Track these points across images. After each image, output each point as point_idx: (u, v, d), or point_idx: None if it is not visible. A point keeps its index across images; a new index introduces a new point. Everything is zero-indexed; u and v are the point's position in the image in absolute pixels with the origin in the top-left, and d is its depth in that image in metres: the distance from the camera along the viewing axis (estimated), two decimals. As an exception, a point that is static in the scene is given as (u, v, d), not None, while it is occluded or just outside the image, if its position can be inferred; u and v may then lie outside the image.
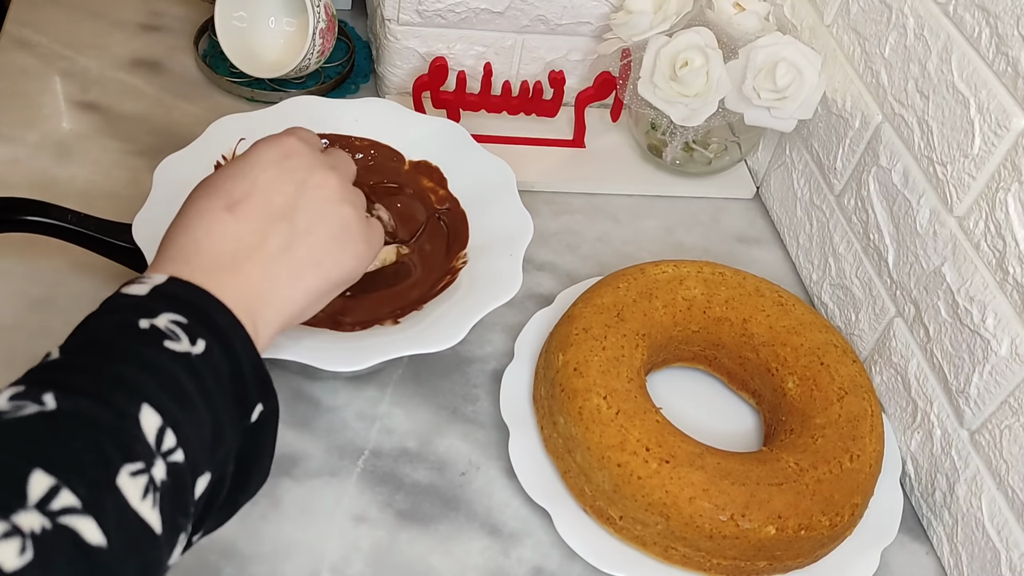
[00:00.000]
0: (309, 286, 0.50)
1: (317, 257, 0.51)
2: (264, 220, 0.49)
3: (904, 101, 0.69)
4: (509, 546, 0.62)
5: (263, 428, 0.46)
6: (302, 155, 0.53)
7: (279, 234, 0.49)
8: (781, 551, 0.60)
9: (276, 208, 0.50)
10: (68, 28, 0.89)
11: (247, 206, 0.49)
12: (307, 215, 0.51)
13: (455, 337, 0.61)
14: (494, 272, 0.66)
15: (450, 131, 0.75)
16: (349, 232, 0.53)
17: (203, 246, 0.48)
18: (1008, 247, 0.59)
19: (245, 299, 0.47)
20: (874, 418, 0.65)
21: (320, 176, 0.52)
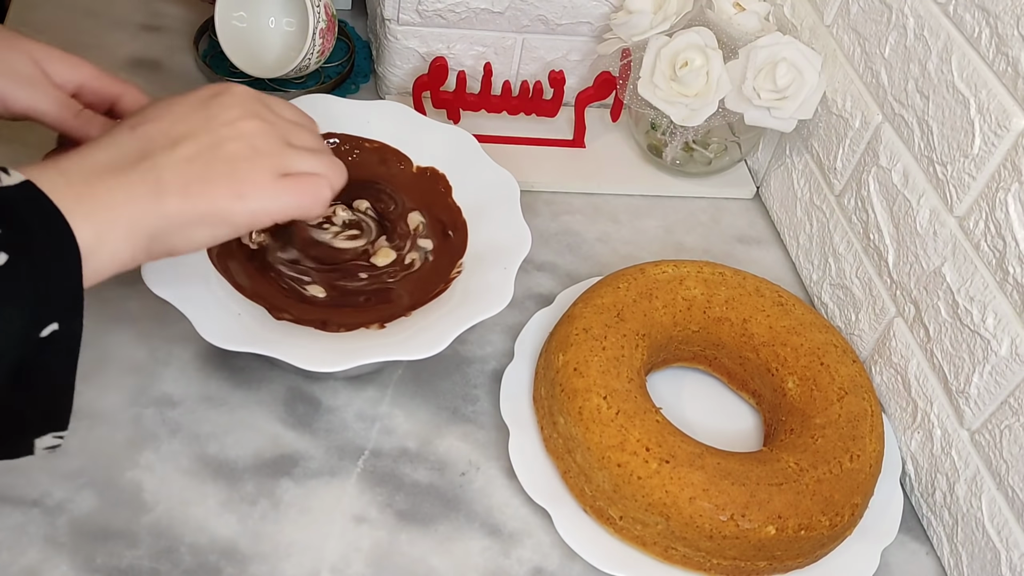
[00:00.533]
0: (169, 206, 0.49)
1: (185, 182, 0.50)
2: (154, 139, 0.50)
3: (904, 101, 0.69)
4: (509, 546, 0.62)
5: (55, 347, 0.45)
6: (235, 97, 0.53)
7: (158, 155, 0.49)
8: (781, 551, 0.60)
9: (173, 133, 0.50)
10: (68, 28, 0.89)
11: (149, 127, 0.50)
12: (197, 144, 0.50)
13: (437, 346, 0.60)
14: (486, 284, 0.66)
15: (460, 139, 0.74)
16: (236, 172, 0.51)
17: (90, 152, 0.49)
18: (1008, 247, 0.59)
19: (98, 211, 0.46)
20: (874, 418, 0.65)
21: (235, 114, 0.52)
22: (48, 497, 0.58)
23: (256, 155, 0.52)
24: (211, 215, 0.51)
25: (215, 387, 0.66)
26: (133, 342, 0.66)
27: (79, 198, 0.46)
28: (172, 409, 0.64)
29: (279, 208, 0.53)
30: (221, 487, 0.61)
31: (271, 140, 0.53)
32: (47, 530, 0.57)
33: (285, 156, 0.54)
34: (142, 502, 0.59)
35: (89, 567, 0.56)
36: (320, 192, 0.55)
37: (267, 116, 0.54)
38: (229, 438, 0.63)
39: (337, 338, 0.62)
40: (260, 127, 0.53)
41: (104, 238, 0.47)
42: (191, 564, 0.57)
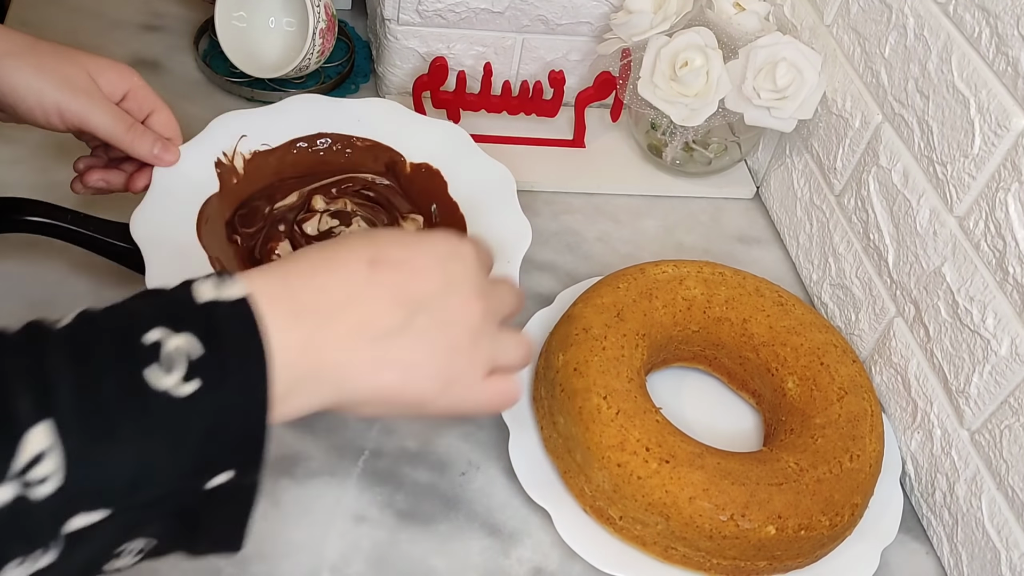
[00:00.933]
0: (381, 383, 0.44)
1: (409, 363, 0.45)
2: (392, 295, 0.45)
3: (904, 101, 0.69)
4: (509, 546, 0.62)
5: (225, 498, 0.40)
6: (468, 267, 0.47)
7: (394, 318, 0.44)
8: (781, 551, 0.60)
9: (411, 293, 0.45)
10: (68, 28, 0.89)
11: (388, 272, 0.45)
12: (430, 320, 0.45)
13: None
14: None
15: (453, 135, 0.74)
16: (456, 363, 0.46)
17: (318, 276, 0.43)
18: (1008, 247, 0.59)
19: (305, 353, 0.41)
20: (874, 418, 0.65)
21: (467, 295, 0.47)
22: (48, 497, 0.58)
23: (475, 351, 0.47)
24: (415, 400, 0.46)
25: (215, 387, 0.66)
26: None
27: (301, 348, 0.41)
28: (172, 409, 0.64)
29: (474, 409, 0.48)
30: (221, 487, 0.61)
31: (489, 328, 0.48)
32: (47, 530, 0.57)
33: (497, 351, 0.48)
34: (142, 502, 0.59)
35: (89, 567, 0.56)
36: (514, 395, 0.49)
37: (487, 289, 0.48)
38: (229, 438, 0.63)
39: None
40: (483, 312, 0.47)
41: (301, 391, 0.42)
42: (191, 564, 0.57)
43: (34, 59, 0.61)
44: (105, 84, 0.63)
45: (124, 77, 0.64)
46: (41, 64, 0.61)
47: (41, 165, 0.77)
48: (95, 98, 0.62)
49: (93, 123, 0.62)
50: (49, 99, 0.60)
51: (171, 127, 0.66)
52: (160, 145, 0.65)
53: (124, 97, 0.64)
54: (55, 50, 0.62)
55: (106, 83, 0.63)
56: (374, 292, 0.44)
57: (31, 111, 0.61)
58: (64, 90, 0.61)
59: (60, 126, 0.62)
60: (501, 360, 0.49)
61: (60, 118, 0.61)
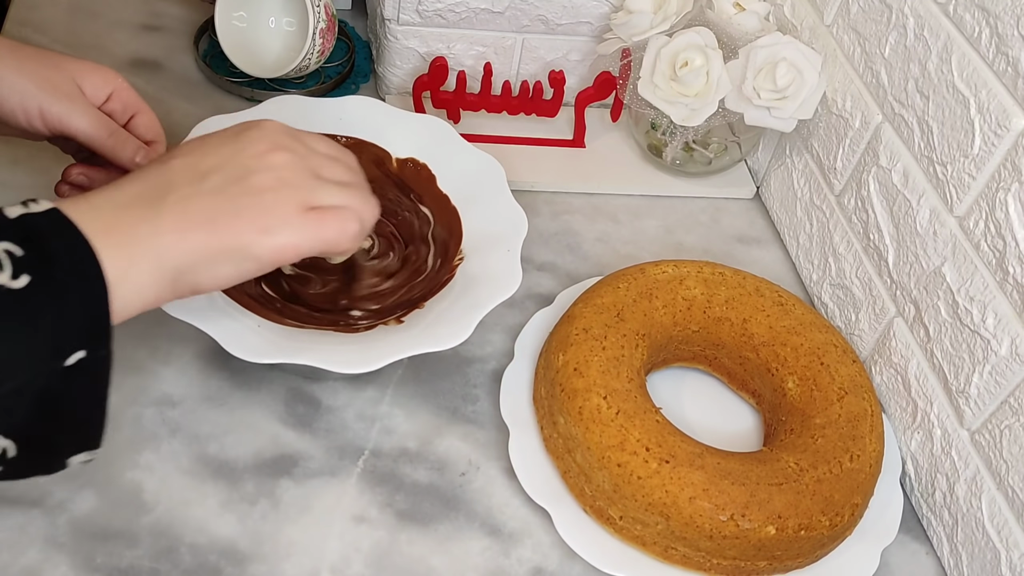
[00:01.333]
0: (195, 240, 0.49)
1: (211, 215, 0.49)
2: (182, 172, 0.50)
3: (904, 101, 0.69)
4: (509, 546, 0.62)
5: (82, 375, 0.44)
6: (264, 131, 0.53)
7: (184, 186, 0.49)
8: (781, 551, 0.60)
9: (201, 166, 0.50)
10: (68, 28, 0.89)
11: (178, 161, 0.50)
12: (223, 176, 0.50)
13: (462, 335, 0.61)
14: (493, 269, 0.66)
15: (436, 128, 0.74)
16: (263, 205, 0.50)
17: (119, 186, 0.49)
18: (1008, 247, 0.59)
19: (124, 244, 0.46)
20: (874, 418, 0.65)
21: (264, 147, 0.52)
22: (48, 497, 0.58)
23: (283, 187, 0.51)
24: (236, 250, 0.50)
25: (215, 387, 0.66)
26: (133, 342, 0.66)
27: (107, 230, 0.46)
28: (172, 409, 0.64)
29: (305, 242, 0.52)
30: (221, 487, 0.61)
31: (299, 172, 0.52)
32: (47, 530, 0.57)
33: (313, 189, 0.52)
34: (142, 502, 0.59)
35: (89, 567, 0.56)
36: (347, 226, 0.53)
37: (297, 148, 0.53)
38: (229, 438, 0.63)
39: (361, 338, 0.62)
40: (288, 159, 0.52)
41: (130, 272, 0.46)
42: (191, 564, 0.57)
43: (15, 62, 0.60)
44: (89, 87, 0.63)
45: (108, 80, 0.64)
46: (22, 67, 0.60)
47: (40, 165, 0.77)
48: (76, 101, 0.62)
49: (74, 126, 0.61)
50: (32, 101, 0.60)
51: (154, 129, 0.66)
52: (143, 153, 0.65)
53: (108, 99, 0.64)
54: (37, 53, 0.62)
55: (90, 86, 0.63)
56: (165, 176, 0.50)
57: (13, 113, 0.60)
58: (46, 92, 0.60)
59: (43, 129, 0.62)
60: (323, 199, 0.53)
61: (42, 121, 0.61)
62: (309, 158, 0.54)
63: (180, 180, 0.50)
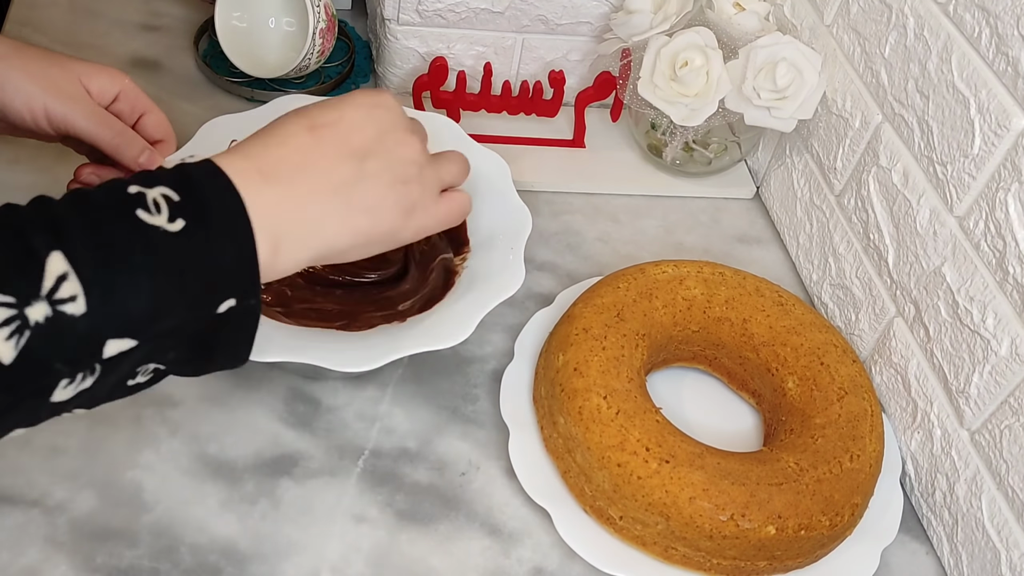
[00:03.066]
0: (358, 227, 0.51)
1: (373, 204, 0.51)
2: (337, 150, 0.50)
3: (904, 101, 0.69)
4: (509, 546, 0.62)
5: (233, 322, 0.45)
6: (392, 111, 0.54)
7: (346, 169, 0.50)
8: (781, 551, 0.60)
9: (353, 144, 0.51)
10: (68, 28, 0.89)
11: (328, 132, 0.50)
12: (378, 161, 0.51)
13: (463, 333, 0.61)
14: (495, 267, 0.66)
15: (442, 126, 0.74)
16: (410, 193, 0.53)
17: (271, 150, 0.48)
18: (1008, 247, 0.59)
19: (281, 210, 0.47)
20: (874, 418, 0.65)
21: (402, 133, 0.53)
22: (48, 497, 0.58)
23: (424, 179, 0.54)
24: (388, 235, 0.53)
25: (215, 387, 0.66)
26: (133, 342, 0.66)
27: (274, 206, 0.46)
28: (172, 409, 0.64)
29: (437, 226, 0.56)
30: (221, 487, 0.61)
31: (427, 158, 0.55)
32: (47, 530, 0.57)
33: (441, 174, 0.56)
34: (142, 502, 0.59)
35: (89, 567, 0.56)
36: (466, 207, 0.58)
37: (414, 127, 0.55)
38: (229, 438, 0.63)
39: (362, 337, 0.62)
40: (419, 145, 0.54)
41: (290, 248, 0.47)
42: (191, 564, 0.57)
43: (20, 62, 0.61)
44: (95, 88, 0.63)
45: (115, 80, 0.64)
46: (28, 67, 0.61)
47: (41, 165, 0.77)
48: (82, 102, 0.62)
49: (79, 127, 0.62)
50: (37, 102, 0.60)
51: (163, 128, 0.66)
52: (147, 154, 0.65)
53: (115, 99, 0.64)
54: (43, 54, 0.62)
55: (96, 87, 0.63)
56: (323, 151, 0.50)
57: (19, 114, 0.61)
58: (51, 93, 0.61)
59: (49, 130, 0.62)
60: (447, 179, 0.57)
61: (48, 122, 0.61)
62: (421, 134, 0.56)
63: (339, 161, 0.50)
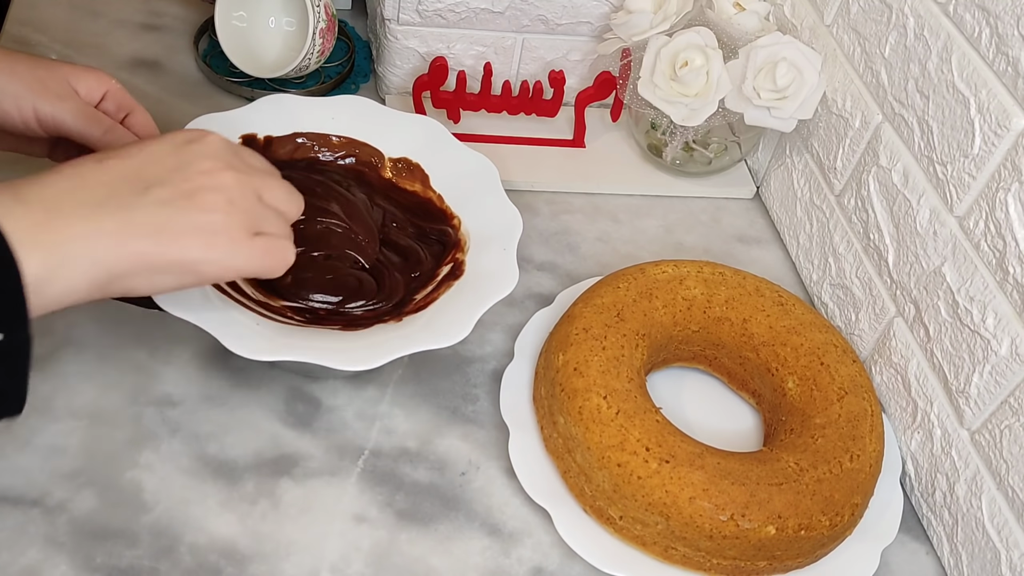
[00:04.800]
0: (137, 250, 0.48)
1: (160, 226, 0.49)
2: (124, 178, 0.48)
3: (904, 101, 0.69)
4: (509, 546, 0.62)
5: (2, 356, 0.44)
6: (209, 147, 0.52)
7: (126, 192, 0.48)
8: (781, 551, 0.60)
9: (144, 173, 0.49)
10: (68, 28, 0.89)
11: (118, 163, 0.49)
12: (171, 190, 0.49)
13: (462, 332, 0.61)
14: (489, 267, 0.66)
15: (429, 128, 0.74)
16: (211, 221, 0.50)
17: (51, 180, 0.47)
18: (1008, 247, 0.59)
19: (45, 232, 0.45)
20: (874, 418, 0.65)
21: (211, 165, 0.51)
22: (48, 497, 0.58)
23: (232, 209, 0.51)
24: (179, 264, 0.50)
25: (215, 387, 0.66)
26: (133, 342, 0.67)
27: (37, 226, 0.45)
28: (172, 409, 0.64)
29: (248, 267, 0.53)
30: (221, 487, 0.61)
31: (246, 195, 0.52)
32: (47, 530, 0.57)
33: (259, 215, 0.53)
34: (142, 502, 0.59)
35: (89, 567, 0.56)
36: (287, 257, 0.54)
37: (240, 167, 0.53)
38: (229, 438, 0.63)
39: (361, 336, 0.62)
40: (236, 180, 0.52)
41: (59, 271, 0.46)
42: (191, 564, 0.57)
43: (7, 65, 0.61)
44: (83, 88, 0.63)
45: (101, 81, 0.64)
46: (15, 69, 0.61)
47: (42, 165, 0.77)
48: (69, 101, 0.62)
49: (68, 125, 0.62)
50: (26, 102, 0.61)
51: (148, 127, 0.66)
52: None
53: (102, 99, 0.64)
54: (29, 58, 0.62)
55: (84, 87, 0.63)
56: (103, 177, 0.48)
57: (9, 116, 0.61)
58: (39, 93, 0.61)
59: (39, 131, 0.62)
60: (266, 227, 0.53)
61: (37, 122, 0.61)
62: (252, 178, 0.53)
63: (121, 186, 0.48)
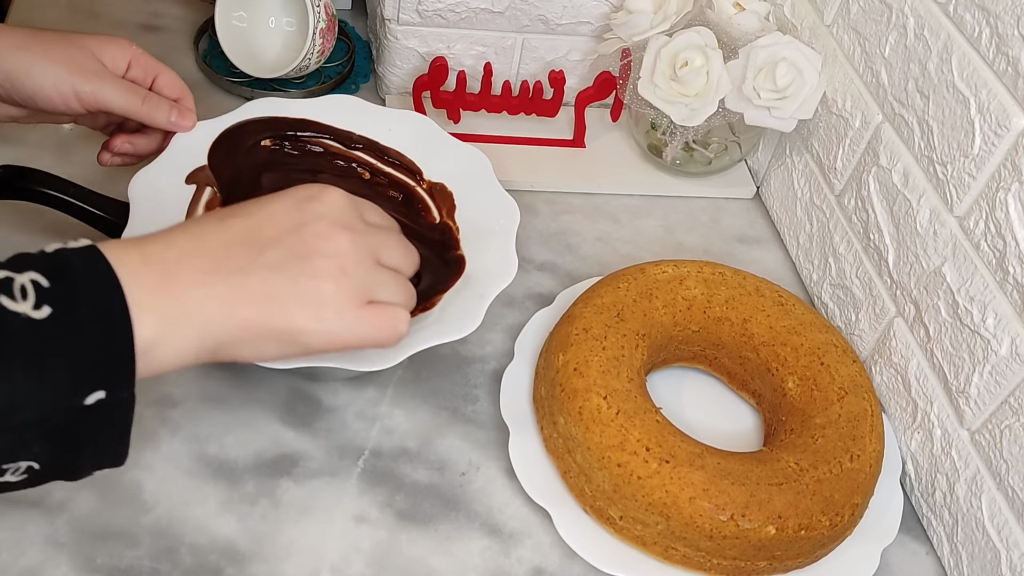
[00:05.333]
0: (246, 318, 0.47)
1: (268, 294, 0.47)
2: (242, 240, 0.48)
3: (904, 101, 0.69)
4: (509, 546, 0.62)
5: (102, 415, 0.43)
6: (328, 205, 0.50)
7: (241, 256, 0.47)
8: (781, 551, 0.60)
9: (262, 234, 0.48)
10: (68, 28, 0.89)
11: (238, 223, 0.48)
12: (284, 253, 0.48)
13: (472, 324, 0.61)
14: (488, 259, 0.66)
15: (418, 123, 0.74)
16: (320, 290, 0.48)
17: (174, 237, 0.47)
18: (1008, 247, 0.59)
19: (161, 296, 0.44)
20: (874, 418, 0.65)
21: (326, 227, 0.49)
22: (48, 497, 0.58)
23: (343, 277, 0.49)
24: (286, 333, 0.48)
25: (215, 387, 0.66)
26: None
27: (155, 288, 0.44)
28: (172, 409, 0.64)
29: (354, 340, 0.50)
30: (221, 487, 0.61)
31: (361, 259, 0.50)
32: (47, 530, 0.57)
33: (372, 282, 0.50)
34: (142, 502, 0.59)
35: (89, 567, 0.56)
36: (399, 329, 0.51)
37: (357, 227, 0.51)
38: (229, 438, 0.63)
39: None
40: (350, 243, 0.49)
41: (172, 334, 0.45)
42: (191, 564, 0.57)
43: (40, 48, 0.62)
44: (109, 60, 0.64)
45: (123, 49, 0.65)
46: (48, 51, 0.62)
47: (43, 165, 0.77)
48: (105, 77, 0.63)
49: (107, 100, 0.63)
50: (65, 84, 0.62)
51: (177, 86, 0.68)
52: (176, 112, 0.67)
53: (128, 67, 0.66)
54: (58, 36, 0.63)
55: (109, 59, 0.64)
56: (223, 237, 0.47)
57: (50, 99, 0.62)
58: (75, 73, 0.62)
59: (79, 109, 0.63)
60: (380, 294, 0.51)
61: (78, 101, 0.63)
62: (369, 238, 0.51)
63: (238, 248, 0.47)
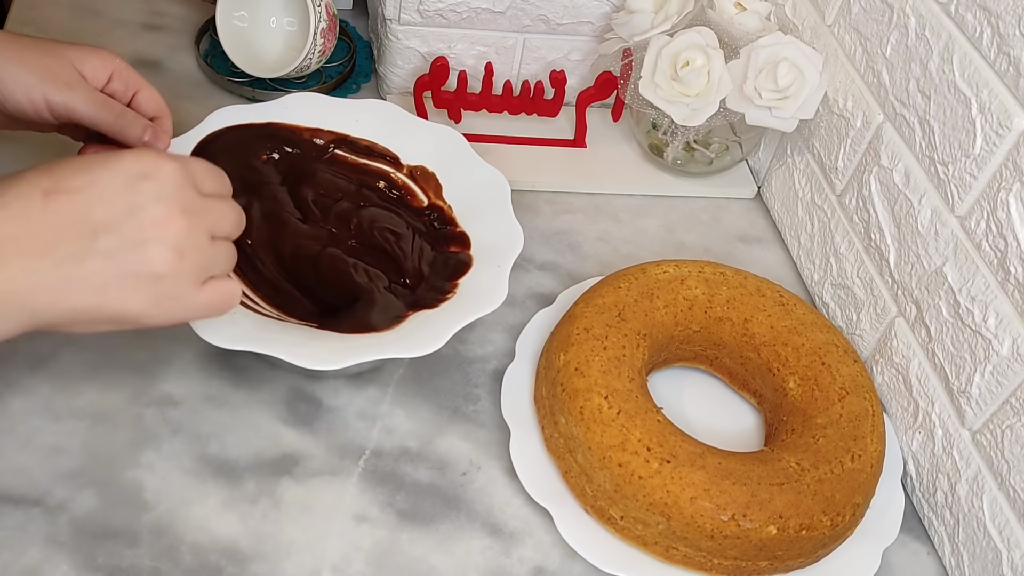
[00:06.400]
0: (79, 304, 0.47)
1: (103, 283, 0.47)
2: (72, 224, 0.46)
3: (905, 101, 0.69)
4: (510, 546, 0.62)
5: None
6: (164, 184, 0.49)
7: (73, 244, 0.46)
8: (782, 551, 0.60)
9: (93, 219, 0.47)
10: (69, 28, 0.89)
11: (64, 200, 0.46)
12: (118, 240, 0.47)
13: (435, 344, 0.60)
14: (481, 282, 0.66)
15: (449, 138, 0.74)
16: (156, 280, 0.48)
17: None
18: (1009, 247, 0.59)
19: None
20: (875, 418, 0.65)
21: (163, 212, 0.48)
22: (49, 496, 0.58)
23: (180, 264, 0.49)
24: (120, 317, 0.48)
25: (216, 386, 0.66)
26: (134, 342, 0.66)
27: None
28: (173, 408, 0.64)
29: (193, 317, 0.52)
30: (222, 486, 0.61)
31: (198, 242, 0.50)
32: (48, 529, 0.57)
33: (208, 263, 0.51)
34: (143, 501, 0.59)
35: (90, 566, 0.56)
36: (233, 300, 0.53)
37: (195, 206, 0.50)
38: (230, 437, 0.63)
39: (333, 336, 0.62)
40: (188, 229, 0.49)
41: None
42: (192, 563, 0.57)
43: (15, 53, 0.60)
44: (89, 71, 0.63)
45: (106, 62, 0.64)
46: (23, 58, 0.60)
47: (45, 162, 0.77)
48: (79, 89, 0.61)
49: (79, 113, 0.61)
50: (37, 92, 0.60)
51: (156, 104, 0.66)
52: (151, 132, 0.65)
53: (109, 80, 0.64)
54: (35, 43, 0.62)
55: (90, 70, 0.63)
56: (50, 220, 0.46)
57: (20, 105, 0.61)
58: (47, 82, 0.60)
59: (50, 119, 0.62)
60: (213, 270, 0.51)
61: (49, 111, 0.61)
62: (205, 217, 0.51)
63: (68, 232, 0.46)
